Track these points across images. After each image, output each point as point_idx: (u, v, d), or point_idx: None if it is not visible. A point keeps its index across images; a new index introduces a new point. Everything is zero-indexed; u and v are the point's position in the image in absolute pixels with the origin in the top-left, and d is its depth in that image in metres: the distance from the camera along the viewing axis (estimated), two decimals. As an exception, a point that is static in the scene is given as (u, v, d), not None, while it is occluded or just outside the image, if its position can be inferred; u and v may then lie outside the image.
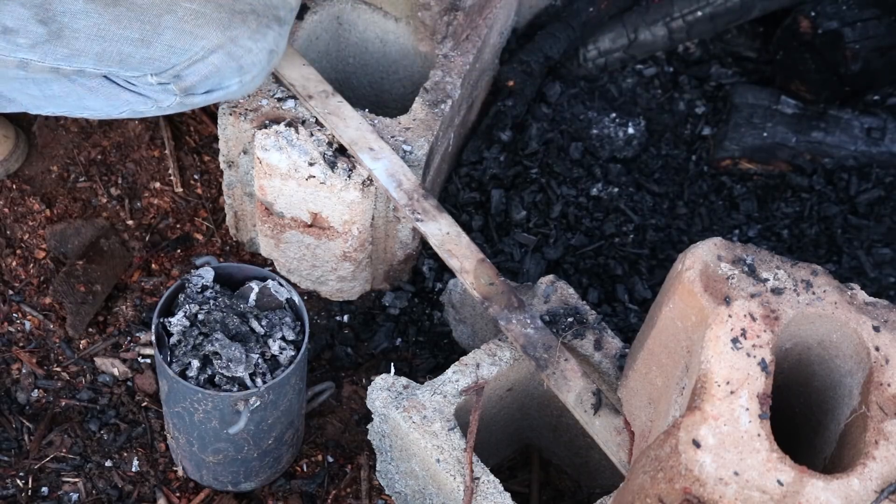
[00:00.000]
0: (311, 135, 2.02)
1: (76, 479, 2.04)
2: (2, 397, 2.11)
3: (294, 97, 2.08)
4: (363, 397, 2.15)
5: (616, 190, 2.41)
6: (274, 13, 1.93)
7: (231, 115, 2.06)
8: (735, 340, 1.48)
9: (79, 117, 2.16)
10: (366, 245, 2.12)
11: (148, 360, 2.17)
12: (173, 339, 1.82)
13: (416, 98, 2.12)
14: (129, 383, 2.15)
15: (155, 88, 1.91)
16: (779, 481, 1.40)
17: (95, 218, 2.31)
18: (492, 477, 1.78)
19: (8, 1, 1.79)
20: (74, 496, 2.03)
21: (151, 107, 1.95)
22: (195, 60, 1.86)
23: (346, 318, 2.27)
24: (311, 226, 2.09)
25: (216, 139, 2.30)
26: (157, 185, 2.38)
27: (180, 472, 2.07)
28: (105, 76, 1.90)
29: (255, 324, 1.84)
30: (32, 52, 1.83)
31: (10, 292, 2.21)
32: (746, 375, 1.46)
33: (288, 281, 2.03)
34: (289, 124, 2.03)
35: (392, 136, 2.05)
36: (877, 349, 1.52)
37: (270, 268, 2.23)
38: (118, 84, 1.91)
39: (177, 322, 1.82)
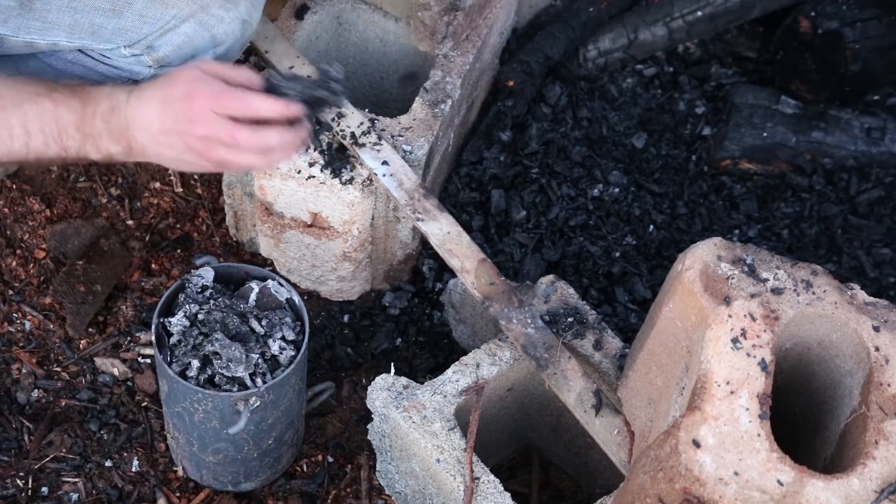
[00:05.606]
0: (311, 135, 2.02)
1: (76, 479, 2.04)
2: (2, 397, 2.11)
3: (294, 97, 2.08)
4: (363, 397, 2.15)
5: (616, 191, 2.41)
6: None
7: (231, 115, 2.06)
8: (735, 340, 1.48)
9: None
10: (366, 245, 2.12)
11: (148, 360, 2.17)
12: (173, 339, 1.82)
13: (416, 98, 2.12)
14: (129, 383, 2.15)
15: (129, 61, 1.88)
16: (779, 481, 1.40)
17: (95, 218, 2.31)
18: (492, 477, 1.78)
19: None
20: (74, 496, 2.02)
21: (127, 81, 1.92)
22: (167, 30, 1.84)
23: (346, 318, 2.27)
24: (311, 226, 2.09)
25: (216, 139, 2.30)
26: (157, 185, 2.38)
27: (180, 472, 2.07)
28: (80, 50, 1.87)
29: (255, 324, 1.83)
30: (5, 26, 1.80)
31: (10, 292, 2.21)
32: (746, 375, 1.46)
33: (288, 281, 2.03)
34: (289, 124, 2.03)
35: (392, 136, 2.05)
36: (877, 349, 1.52)
37: (270, 268, 2.23)
38: (93, 58, 1.89)
39: (177, 322, 1.82)
